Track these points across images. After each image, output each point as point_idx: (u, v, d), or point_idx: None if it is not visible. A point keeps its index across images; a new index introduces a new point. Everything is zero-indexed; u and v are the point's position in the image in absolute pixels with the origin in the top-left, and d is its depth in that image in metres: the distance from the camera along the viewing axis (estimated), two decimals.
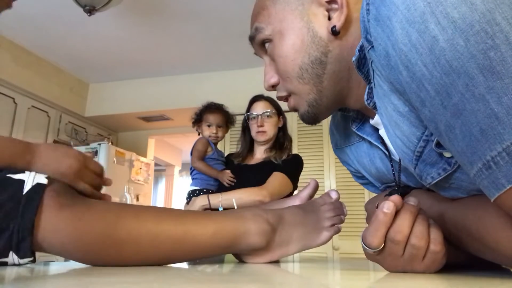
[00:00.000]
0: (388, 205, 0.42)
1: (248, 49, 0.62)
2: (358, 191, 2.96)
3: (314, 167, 3.15)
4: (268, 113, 1.64)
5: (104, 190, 0.67)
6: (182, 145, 6.01)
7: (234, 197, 1.40)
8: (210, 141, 1.80)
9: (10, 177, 0.47)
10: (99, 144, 3.63)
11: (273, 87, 0.59)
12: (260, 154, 1.70)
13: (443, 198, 0.51)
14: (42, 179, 0.48)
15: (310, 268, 0.63)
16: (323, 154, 3.22)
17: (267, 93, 1.62)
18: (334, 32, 0.50)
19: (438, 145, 0.43)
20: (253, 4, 0.59)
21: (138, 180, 3.97)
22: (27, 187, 0.46)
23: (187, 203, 1.67)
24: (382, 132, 0.56)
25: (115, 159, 3.66)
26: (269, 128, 1.65)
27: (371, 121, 0.57)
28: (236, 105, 3.56)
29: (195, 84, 3.82)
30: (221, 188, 1.67)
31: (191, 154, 1.78)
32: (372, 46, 0.42)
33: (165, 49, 3.37)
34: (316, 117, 0.57)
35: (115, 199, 3.55)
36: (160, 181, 6.45)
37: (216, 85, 3.73)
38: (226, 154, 1.89)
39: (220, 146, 2.02)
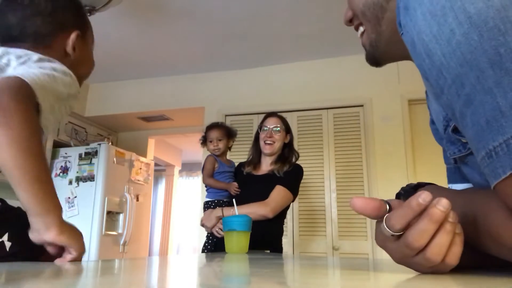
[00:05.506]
0: (425, 196, 0.39)
1: (248, 49, 0.62)
2: (358, 192, 2.96)
3: (314, 167, 3.15)
4: (277, 128, 1.91)
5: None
6: (182, 145, 6.01)
7: (243, 212, 1.59)
8: (216, 157, 2.13)
9: None
10: (99, 144, 3.62)
11: (350, 21, 0.65)
12: (266, 166, 1.94)
13: (455, 193, 0.50)
14: None
15: (310, 267, 0.63)
16: (323, 154, 3.21)
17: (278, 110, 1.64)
18: None
19: (455, 130, 0.46)
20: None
21: (138, 180, 3.97)
22: None
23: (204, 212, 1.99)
24: None
25: (115, 159, 3.66)
26: (277, 141, 1.90)
27: None
28: (235, 105, 3.56)
29: (195, 84, 3.82)
30: (231, 196, 1.94)
31: (202, 171, 2.15)
32: (402, 33, 0.45)
33: (165, 49, 3.37)
34: (375, 58, 0.63)
35: (115, 199, 3.55)
36: (160, 181, 6.44)
37: (216, 85, 3.73)
38: (237, 164, 2.12)
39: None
